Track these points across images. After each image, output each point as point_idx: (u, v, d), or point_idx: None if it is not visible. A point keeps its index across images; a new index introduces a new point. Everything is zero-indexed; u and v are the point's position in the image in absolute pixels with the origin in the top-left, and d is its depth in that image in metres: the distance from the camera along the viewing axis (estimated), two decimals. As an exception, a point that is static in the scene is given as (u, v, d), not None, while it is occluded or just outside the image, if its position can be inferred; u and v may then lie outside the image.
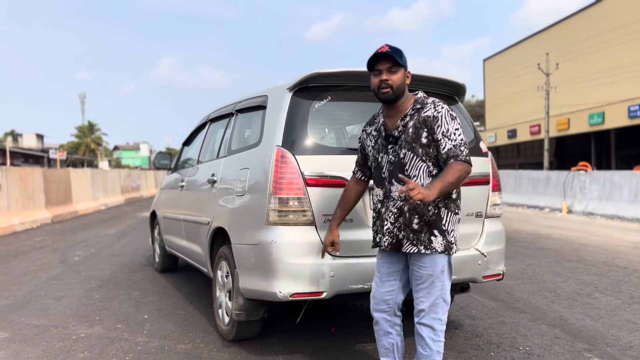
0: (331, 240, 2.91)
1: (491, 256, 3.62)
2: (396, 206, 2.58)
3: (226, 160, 4.04)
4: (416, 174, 2.54)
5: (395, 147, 2.59)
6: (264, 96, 3.72)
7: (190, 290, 5.38)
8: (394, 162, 2.59)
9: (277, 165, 3.16)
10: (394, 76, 2.54)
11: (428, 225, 2.56)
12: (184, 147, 5.83)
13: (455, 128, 2.51)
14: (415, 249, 2.57)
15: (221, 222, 3.82)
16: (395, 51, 2.54)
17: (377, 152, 2.69)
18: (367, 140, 2.79)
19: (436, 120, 2.50)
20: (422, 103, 2.59)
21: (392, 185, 2.59)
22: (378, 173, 2.69)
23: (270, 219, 3.16)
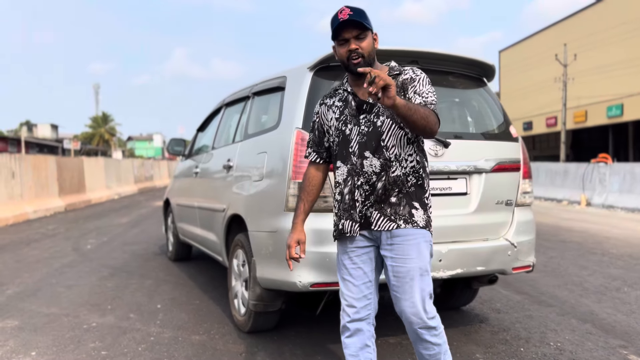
0: (297, 239, 2.40)
1: (521, 247, 3.43)
2: (369, 182, 2.23)
3: (242, 145, 3.88)
4: (395, 142, 2.23)
5: (369, 116, 2.25)
6: (283, 77, 3.54)
7: (204, 280, 5.25)
8: (367, 133, 2.24)
9: (297, 149, 3.00)
10: (363, 43, 2.20)
11: (408, 197, 2.24)
12: (198, 133, 5.68)
13: (429, 90, 2.22)
14: (393, 225, 2.21)
15: (237, 209, 3.67)
16: (359, 14, 2.19)
17: (344, 124, 2.30)
18: (327, 113, 2.38)
19: (413, 81, 2.23)
20: (398, 70, 2.31)
21: (363, 159, 2.24)
22: (343, 147, 2.30)
23: (290, 204, 2.99)
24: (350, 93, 2.33)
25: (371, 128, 2.25)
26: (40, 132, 73.27)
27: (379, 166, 2.23)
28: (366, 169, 2.25)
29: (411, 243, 2.22)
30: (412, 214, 2.23)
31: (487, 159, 3.31)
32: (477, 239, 3.30)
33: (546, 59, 34.51)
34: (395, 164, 2.24)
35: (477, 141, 3.39)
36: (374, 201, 2.24)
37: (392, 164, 2.24)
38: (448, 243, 3.17)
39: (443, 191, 3.22)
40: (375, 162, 2.24)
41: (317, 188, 2.48)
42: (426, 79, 2.27)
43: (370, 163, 2.24)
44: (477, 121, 3.58)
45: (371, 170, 2.24)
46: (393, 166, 2.24)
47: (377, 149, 2.24)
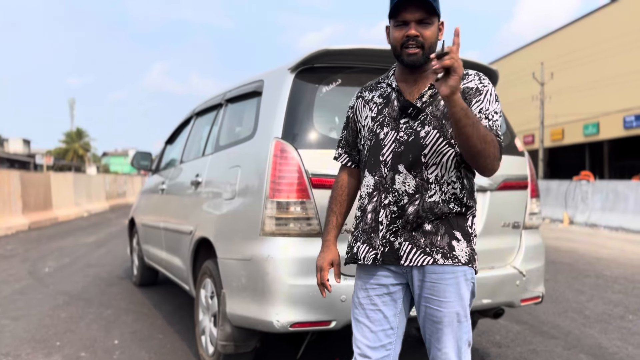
0: (330, 260, 1.97)
1: (530, 275, 3.02)
2: (399, 204, 1.78)
3: (213, 158, 3.41)
4: (436, 161, 1.76)
5: (412, 123, 1.78)
6: (260, 81, 3.10)
7: (170, 309, 4.72)
8: (406, 142, 1.78)
9: (276, 162, 2.54)
10: (426, 31, 1.74)
11: (447, 224, 1.77)
12: (167, 145, 5.19)
13: (495, 111, 1.76)
14: (429, 259, 1.75)
15: (206, 231, 3.19)
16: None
17: (380, 126, 1.85)
18: (364, 110, 1.92)
19: (478, 93, 1.76)
20: (464, 74, 1.82)
21: (396, 173, 1.79)
22: (374, 154, 1.85)
23: (267, 228, 2.53)
24: (395, 90, 1.86)
25: (412, 137, 1.78)
26: (12, 147, 71.43)
27: (413, 186, 1.77)
28: (397, 186, 1.78)
29: (449, 282, 1.76)
30: (453, 247, 1.77)
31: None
32: (483, 267, 2.86)
33: (523, 78, 34.84)
34: (435, 188, 1.77)
35: (481, 155, 2.98)
36: (401, 227, 1.77)
37: (430, 187, 1.77)
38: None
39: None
40: (409, 181, 1.77)
41: (351, 198, 2.03)
42: (494, 92, 1.81)
43: (404, 180, 1.78)
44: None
45: (403, 189, 1.77)
46: (431, 189, 1.77)
47: (415, 165, 1.77)
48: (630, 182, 13.37)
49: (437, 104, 1.78)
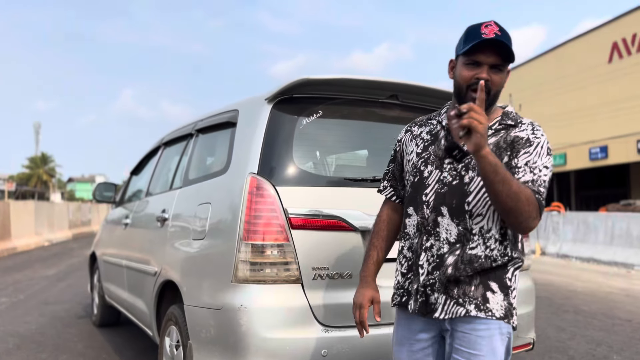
0: (370, 298, 1.87)
1: (521, 321, 2.82)
2: (439, 252, 1.68)
3: (181, 193, 3.15)
4: (482, 212, 1.66)
5: (456, 165, 1.71)
6: (234, 111, 2.87)
7: (132, 354, 4.35)
8: (449, 184, 1.70)
9: (251, 200, 2.31)
10: (497, 77, 1.67)
11: (483, 274, 1.66)
12: (132, 176, 4.89)
13: (544, 165, 1.67)
14: (462, 310, 1.64)
15: (172, 273, 2.91)
16: (508, 37, 1.66)
17: (424, 163, 1.78)
18: (410, 144, 1.87)
19: (529, 144, 1.67)
20: (514, 120, 1.76)
21: (438, 215, 1.69)
22: (417, 192, 1.77)
23: (240, 274, 2.27)
24: (444, 128, 1.80)
25: (456, 181, 1.68)
26: (-28, 173, 69.07)
27: (455, 235, 1.68)
28: (440, 230, 1.69)
29: (482, 335, 1.63)
30: (487, 299, 1.65)
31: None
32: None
33: (492, 109, 35.53)
34: (478, 240, 1.66)
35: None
36: (438, 279, 1.67)
37: (472, 238, 1.66)
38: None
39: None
40: (451, 228, 1.68)
41: (394, 234, 1.95)
42: (547, 146, 1.70)
43: (446, 228, 1.68)
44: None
45: (444, 236, 1.68)
46: (474, 241, 1.66)
47: (458, 212, 1.67)
48: (600, 213, 13.55)
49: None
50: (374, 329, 2.35)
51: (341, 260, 2.35)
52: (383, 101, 2.72)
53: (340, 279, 2.34)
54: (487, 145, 1.48)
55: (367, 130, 2.74)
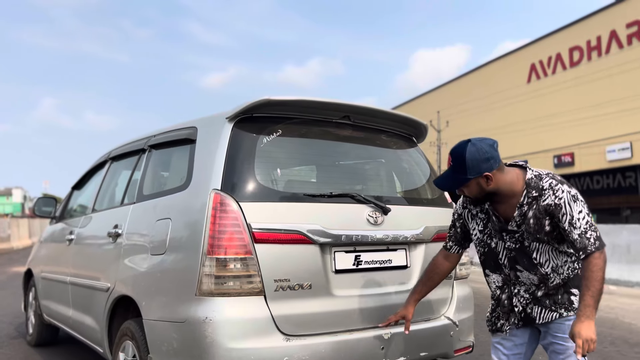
0: (403, 315, 2.58)
1: (462, 325, 3.07)
2: (529, 291, 2.32)
3: (135, 208, 3.17)
4: (547, 258, 2.28)
5: (514, 236, 2.31)
6: (192, 128, 2.95)
7: (75, 373, 4.25)
8: (515, 249, 2.32)
9: (215, 215, 2.39)
10: (466, 189, 2.28)
11: (564, 285, 2.29)
12: (74, 191, 4.79)
13: (578, 211, 2.15)
14: (556, 314, 2.27)
15: (127, 289, 2.92)
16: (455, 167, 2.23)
17: (489, 237, 2.39)
18: (472, 222, 2.47)
19: (559, 208, 2.17)
20: (537, 189, 2.22)
21: (516, 271, 2.33)
22: (492, 258, 2.40)
23: (204, 287, 2.35)
24: (490, 209, 2.35)
25: (518, 246, 2.30)
26: None
27: (537, 280, 2.30)
28: (522, 279, 2.33)
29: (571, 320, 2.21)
30: (572, 301, 2.28)
31: (428, 226, 2.95)
32: (419, 319, 2.87)
33: (421, 125, 36.97)
34: (554, 276, 2.28)
35: (417, 207, 3.03)
36: (534, 303, 2.32)
37: (550, 276, 2.28)
38: (390, 327, 2.69)
39: (382, 265, 2.78)
40: (532, 277, 2.30)
41: (441, 275, 2.61)
42: (569, 198, 2.17)
43: (527, 277, 2.31)
44: (411, 185, 3.25)
45: (529, 282, 2.31)
46: (551, 278, 2.28)
47: (531, 267, 2.29)
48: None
49: (528, 222, 2.24)
50: (334, 336, 2.51)
51: (301, 272, 2.48)
52: (337, 121, 2.89)
53: (301, 290, 2.47)
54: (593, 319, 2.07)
55: (323, 148, 2.90)
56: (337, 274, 2.59)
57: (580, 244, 2.12)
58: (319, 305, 2.51)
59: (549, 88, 27.86)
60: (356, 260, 2.66)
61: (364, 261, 2.69)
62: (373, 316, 2.66)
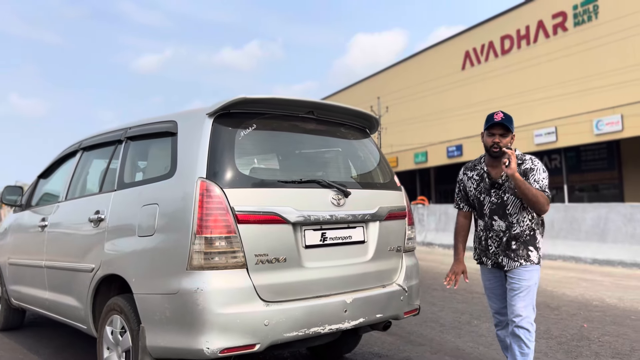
0: (462, 269, 3.46)
1: (410, 291, 3.57)
2: (498, 236, 3.29)
3: (117, 195, 3.45)
4: (516, 211, 3.24)
5: (498, 192, 3.27)
6: (172, 122, 3.26)
7: (49, 352, 4.48)
8: (496, 203, 3.28)
9: (202, 200, 2.75)
10: (504, 140, 3.18)
11: (525, 244, 3.24)
12: (40, 180, 4.94)
13: (543, 177, 3.18)
14: (517, 264, 3.21)
15: (115, 268, 3.22)
16: (508, 119, 3.17)
17: (480, 193, 3.35)
18: (468, 182, 3.44)
19: (532, 170, 3.19)
20: (521, 159, 3.23)
21: (492, 220, 3.30)
22: (480, 209, 3.38)
23: (195, 262, 2.71)
24: (485, 172, 3.33)
25: (499, 200, 3.28)
26: None
27: (504, 227, 3.27)
28: (495, 227, 3.31)
29: (528, 270, 3.22)
30: (529, 255, 3.23)
31: (381, 207, 3.41)
32: (376, 286, 3.35)
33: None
34: (516, 225, 3.25)
35: (371, 190, 3.48)
36: (501, 250, 3.27)
37: (513, 226, 3.25)
38: (351, 292, 3.16)
39: (344, 240, 3.22)
40: (502, 224, 3.28)
41: (467, 231, 3.53)
42: (542, 167, 3.22)
43: (499, 225, 3.29)
44: (366, 170, 3.70)
45: (499, 229, 3.29)
46: (514, 227, 3.25)
47: (503, 216, 3.27)
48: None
49: (510, 181, 3.18)
50: (305, 302, 2.93)
51: (277, 247, 2.89)
52: (303, 116, 3.29)
53: (277, 263, 2.88)
54: (517, 172, 3.03)
55: (292, 140, 3.30)
56: (307, 249, 3.01)
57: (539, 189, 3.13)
58: (293, 275, 2.92)
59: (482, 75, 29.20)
60: (322, 237, 3.09)
61: (328, 237, 3.12)
62: (337, 284, 3.11)
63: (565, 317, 5.63)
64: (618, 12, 22.48)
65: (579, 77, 23.71)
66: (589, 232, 11.60)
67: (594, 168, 25.93)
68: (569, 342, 4.61)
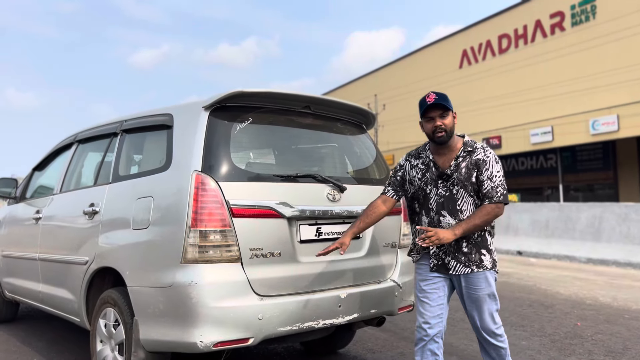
0: (341, 242, 2.85)
1: (405, 287, 3.57)
2: None
3: (112, 188, 3.43)
4: (466, 207, 2.80)
5: (446, 184, 2.83)
6: (167, 115, 3.25)
7: (42, 345, 4.46)
8: (444, 196, 2.83)
9: (197, 193, 2.74)
10: (446, 120, 2.79)
11: (476, 247, 2.81)
12: (35, 172, 4.92)
13: (497, 170, 2.79)
14: (468, 270, 2.79)
15: (109, 260, 3.21)
16: (442, 98, 2.80)
17: (425, 184, 2.89)
18: (412, 171, 2.97)
19: (485, 163, 2.79)
20: (472, 147, 2.85)
21: (440, 216, 2.83)
22: (425, 203, 2.90)
23: (189, 256, 2.70)
24: (432, 160, 2.89)
25: (448, 194, 2.83)
26: None
27: (453, 224, 2.79)
28: (443, 224, 2.82)
29: (481, 278, 2.80)
30: (482, 260, 2.81)
31: (377, 203, 3.40)
32: (371, 281, 3.35)
33: (359, 107, 37.64)
34: None
35: (367, 186, 3.48)
36: (447, 250, 2.83)
37: None
38: (346, 287, 3.16)
39: (339, 235, 3.21)
40: (451, 221, 2.81)
41: (377, 216, 2.97)
42: (494, 159, 2.83)
43: (447, 221, 2.81)
44: (362, 166, 3.69)
45: (447, 226, 2.80)
46: None
47: (453, 212, 2.81)
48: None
49: (461, 171, 2.81)
50: (300, 296, 2.93)
51: (272, 242, 2.88)
52: (299, 110, 3.28)
53: (272, 257, 2.87)
54: (452, 234, 2.69)
55: (288, 135, 3.29)
56: (302, 244, 3.01)
57: (489, 193, 2.75)
58: (287, 270, 2.92)
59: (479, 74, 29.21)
60: (317, 232, 3.09)
61: (324, 232, 3.12)
62: (332, 279, 3.11)
63: (559, 315, 5.65)
64: (616, 12, 22.53)
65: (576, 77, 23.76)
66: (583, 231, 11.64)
67: (589, 168, 26.01)
68: (562, 340, 4.63)
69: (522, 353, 4.26)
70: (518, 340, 4.61)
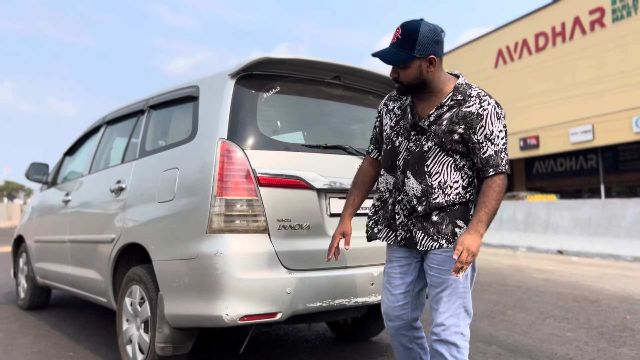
0: (342, 231, 2.43)
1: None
2: (410, 203, 2.20)
3: (139, 164, 3.36)
4: (439, 170, 2.14)
5: (420, 138, 2.18)
6: (194, 86, 3.16)
7: (72, 329, 4.43)
8: (413, 152, 2.19)
9: (223, 161, 2.63)
10: (403, 73, 2.12)
11: (451, 215, 2.15)
12: (66, 157, 4.92)
13: (499, 130, 2.10)
14: (436, 244, 2.15)
15: (135, 236, 3.13)
16: (402, 43, 2.07)
17: (396, 134, 2.26)
18: (386, 117, 2.36)
19: (480, 118, 2.08)
20: (463, 94, 2.14)
21: (406, 177, 2.19)
22: (391, 157, 2.26)
23: (214, 225, 2.59)
24: (409, 105, 2.25)
25: (418, 149, 2.17)
26: None
27: (420, 191, 2.17)
28: (407, 188, 2.19)
29: (449, 257, 2.15)
30: (455, 233, 2.15)
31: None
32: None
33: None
34: (438, 191, 2.14)
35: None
36: (415, 220, 2.20)
37: (433, 191, 2.14)
38: (379, 265, 2.98)
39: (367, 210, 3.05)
40: (416, 186, 2.17)
41: (370, 184, 2.48)
42: (495, 114, 2.11)
43: (412, 185, 2.18)
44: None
45: (412, 192, 2.18)
46: (435, 193, 2.14)
47: (420, 174, 2.16)
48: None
49: (441, 123, 2.14)
50: (330, 272, 2.78)
51: (301, 214, 2.74)
52: (328, 81, 3.14)
53: (300, 229, 2.73)
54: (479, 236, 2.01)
55: (316, 105, 3.15)
56: (331, 217, 2.86)
57: (494, 161, 2.07)
58: (317, 244, 2.77)
59: (515, 72, 28.57)
60: (348, 205, 2.92)
61: (355, 206, 2.95)
62: (364, 256, 2.94)
63: (606, 309, 5.33)
64: (659, 6, 21.70)
65: (617, 73, 22.94)
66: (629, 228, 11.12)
67: (632, 168, 25.05)
68: (611, 333, 4.34)
69: (568, 344, 4.00)
70: (563, 332, 4.35)
